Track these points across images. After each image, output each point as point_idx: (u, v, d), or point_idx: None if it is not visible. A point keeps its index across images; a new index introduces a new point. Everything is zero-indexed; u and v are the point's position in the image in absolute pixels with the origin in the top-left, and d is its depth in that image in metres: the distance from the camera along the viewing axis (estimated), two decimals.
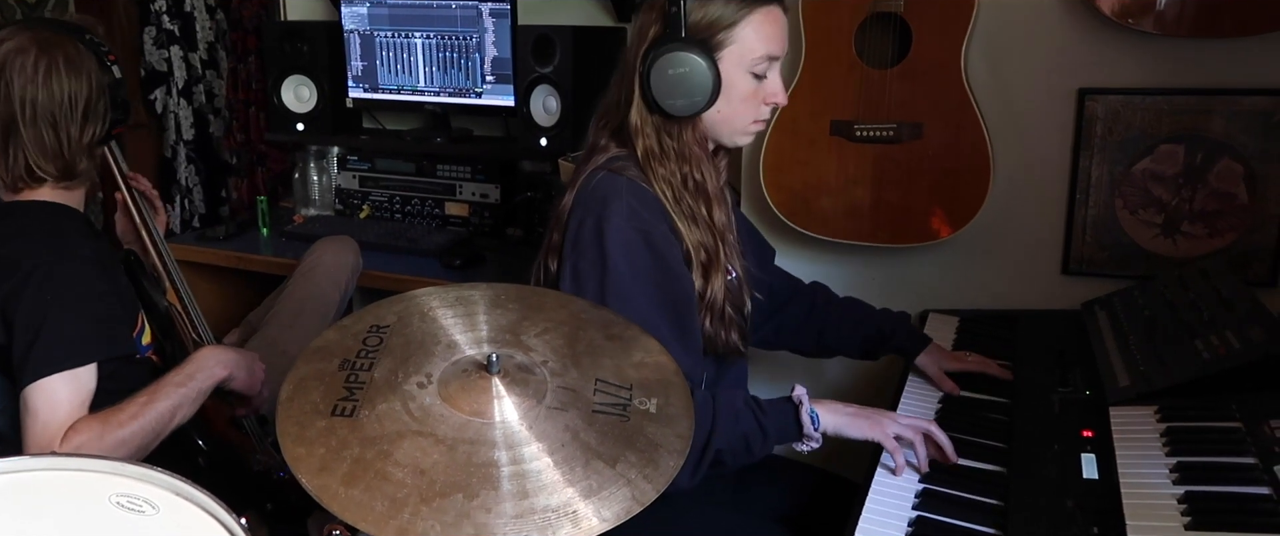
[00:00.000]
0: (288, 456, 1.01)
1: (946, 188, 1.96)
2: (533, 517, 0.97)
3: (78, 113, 1.50)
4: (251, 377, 1.64)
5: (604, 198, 1.39)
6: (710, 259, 1.44)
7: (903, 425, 1.38)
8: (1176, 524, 1.13)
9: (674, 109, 1.39)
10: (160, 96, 3.12)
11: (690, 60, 1.37)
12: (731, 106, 1.43)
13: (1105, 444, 1.34)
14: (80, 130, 1.51)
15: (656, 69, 1.38)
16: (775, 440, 1.37)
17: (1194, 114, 1.87)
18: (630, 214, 1.37)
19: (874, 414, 1.40)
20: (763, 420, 1.36)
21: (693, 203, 1.43)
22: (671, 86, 1.38)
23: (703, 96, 1.39)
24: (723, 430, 1.33)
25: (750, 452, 1.37)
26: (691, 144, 1.44)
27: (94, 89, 1.51)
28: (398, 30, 2.60)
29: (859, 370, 1.84)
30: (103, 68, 1.53)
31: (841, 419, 1.38)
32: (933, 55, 1.91)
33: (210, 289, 2.62)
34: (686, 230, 1.41)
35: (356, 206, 2.79)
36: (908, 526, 1.24)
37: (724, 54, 1.40)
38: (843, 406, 1.40)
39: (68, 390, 1.39)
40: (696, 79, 1.38)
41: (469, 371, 1.11)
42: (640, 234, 1.37)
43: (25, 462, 1.03)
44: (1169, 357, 1.47)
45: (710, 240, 1.44)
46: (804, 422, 1.36)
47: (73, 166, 1.53)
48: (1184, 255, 1.92)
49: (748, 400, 1.38)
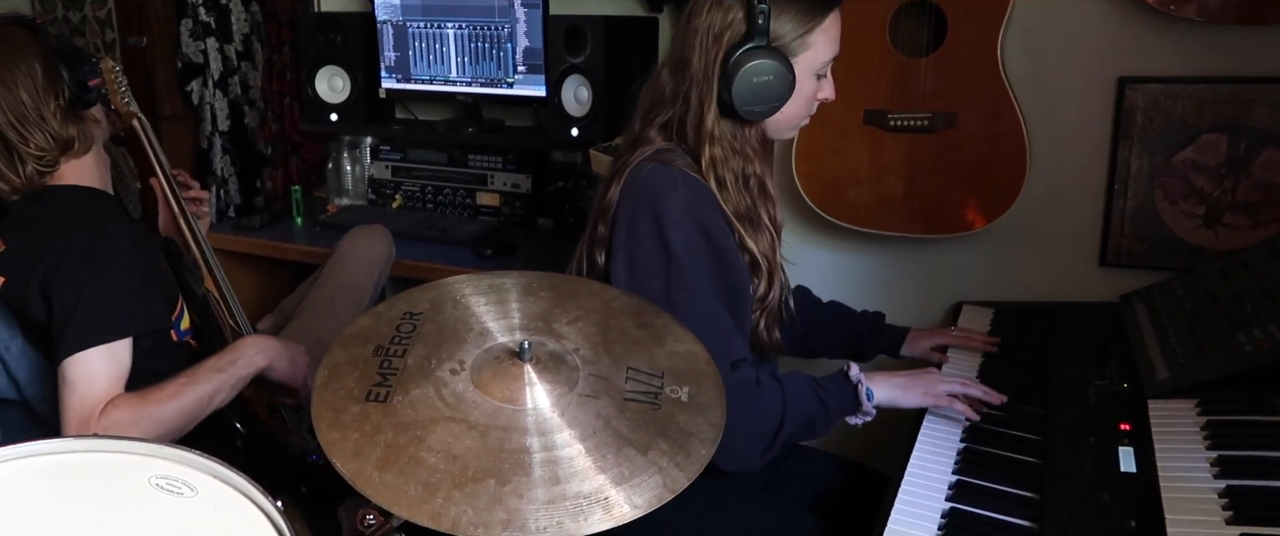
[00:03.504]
0: (323, 441, 1.02)
1: (982, 178, 1.94)
2: (565, 504, 0.97)
3: (36, 91, 1.52)
4: (294, 369, 1.66)
5: (659, 190, 1.38)
6: (770, 265, 1.47)
7: (949, 382, 1.46)
8: (1217, 518, 1.11)
9: (752, 114, 1.41)
10: (197, 88, 3.16)
11: (775, 67, 1.38)
12: (794, 107, 1.44)
13: (1143, 437, 1.32)
14: (43, 96, 1.53)
15: (741, 75, 1.37)
16: (837, 416, 1.41)
17: (1237, 103, 1.84)
18: (688, 206, 1.37)
19: (921, 379, 1.45)
20: (826, 398, 1.39)
21: (753, 204, 1.45)
22: (754, 92, 1.39)
23: (780, 102, 1.41)
24: (792, 413, 1.36)
25: (814, 431, 1.40)
26: (751, 141, 1.45)
27: (37, 61, 1.53)
28: (430, 21, 2.61)
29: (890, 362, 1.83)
30: (32, 35, 1.55)
31: (894, 391, 1.44)
32: (969, 43, 1.89)
33: (246, 277, 2.65)
34: (753, 240, 1.44)
35: (389, 196, 2.81)
36: (941, 517, 1.23)
37: (799, 59, 1.41)
38: (892, 377, 1.45)
39: (105, 364, 1.41)
40: (778, 86, 1.39)
41: (501, 358, 1.12)
42: (698, 227, 1.37)
43: (66, 444, 1.05)
44: (1210, 351, 1.45)
45: (766, 245, 1.47)
46: (862, 399, 1.40)
47: (63, 137, 1.55)
48: (1226, 247, 1.89)
49: (811, 381, 1.41)
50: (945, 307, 2.09)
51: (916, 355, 1.75)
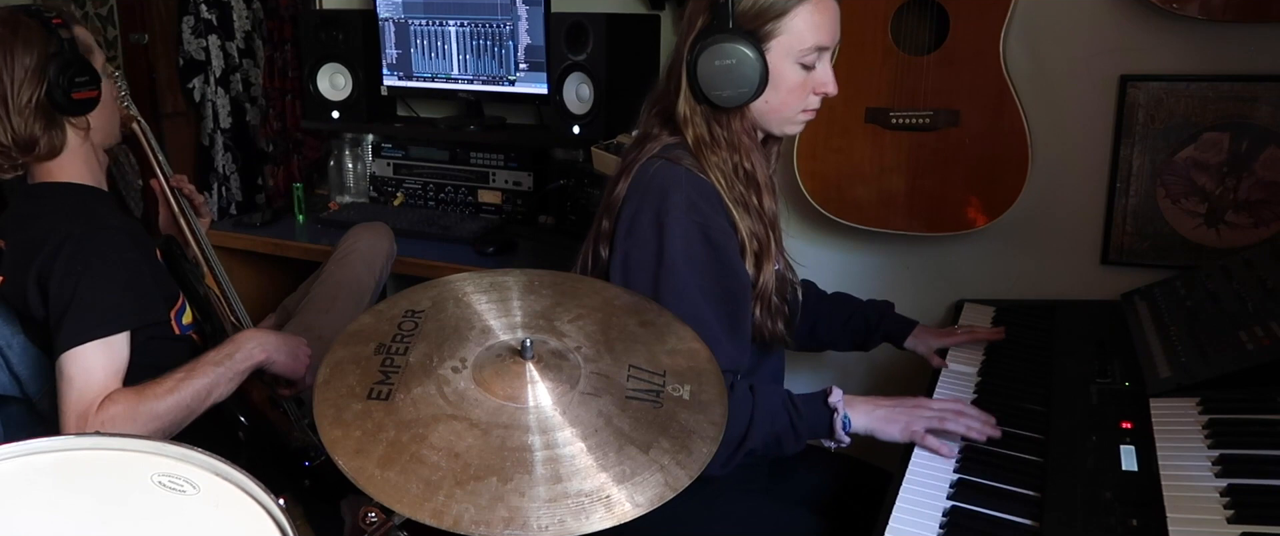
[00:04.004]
0: (325, 438, 1.02)
1: (983, 176, 1.94)
2: (566, 502, 0.97)
3: (10, 82, 1.49)
4: (294, 361, 1.66)
5: (663, 188, 1.38)
6: (762, 248, 1.44)
7: (929, 416, 1.39)
8: (1219, 516, 1.11)
9: (721, 100, 1.38)
10: (198, 85, 3.16)
11: (737, 51, 1.35)
12: (779, 97, 1.41)
13: (1145, 435, 1.32)
14: (17, 91, 1.50)
15: (704, 59, 1.36)
16: (806, 440, 1.39)
17: (1240, 101, 1.84)
18: (689, 206, 1.36)
19: (904, 412, 1.40)
20: (796, 421, 1.37)
21: (744, 191, 1.43)
22: (719, 77, 1.37)
23: (750, 87, 1.37)
24: (759, 427, 1.34)
25: (781, 449, 1.38)
26: (741, 133, 1.43)
27: (29, 54, 1.50)
28: (432, 18, 2.61)
29: (895, 356, 1.84)
30: (41, 29, 1.52)
31: (874, 422, 1.40)
32: (971, 41, 1.89)
33: (247, 274, 2.65)
34: (740, 218, 1.41)
35: (391, 194, 2.81)
36: (942, 515, 1.23)
37: (773, 44, 1.38)
38: (875, 405, 1.41)
39: (102, 358, 1.42)
40: (744, 70, 1.36)
41: (503, 356, 1.12)
42: (699, 227, 1.36)
43: (69, 441, 1.05)
44: (1211, 349, 1.44)
45: (761, 229, 1.44)
46: (835, 427, 1.38)
47: (24, 135, 1.52)
48: (1227, 245, 1.89)
49: (785, 399, 1.39)
50: (947, 305, 2.09)
51: (919, 351, 1.74)
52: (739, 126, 1.43)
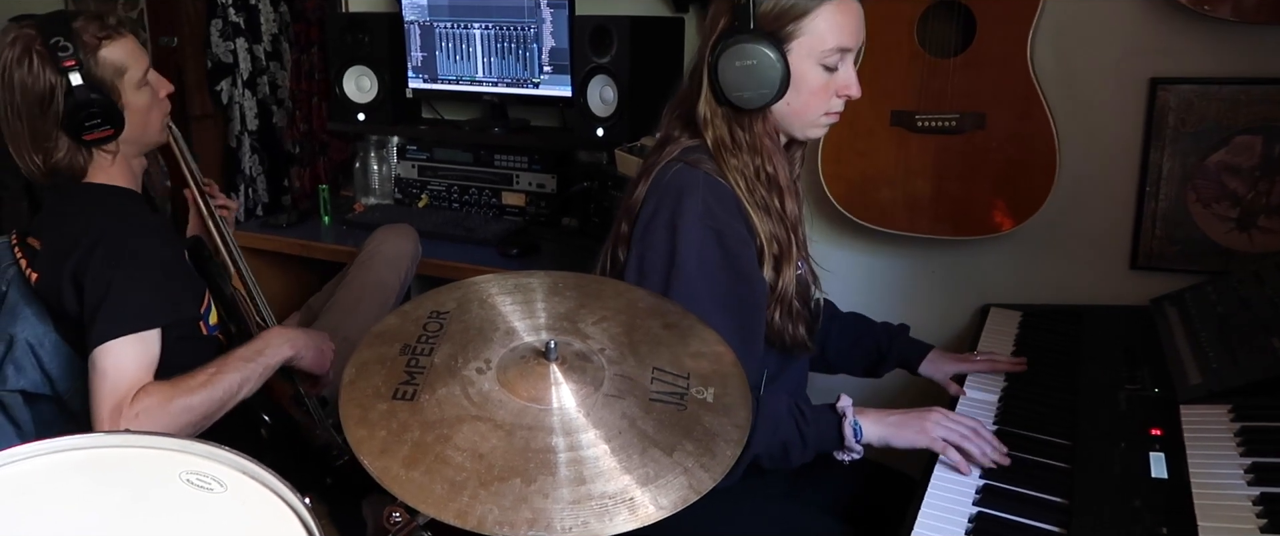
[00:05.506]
0: (350, 438, 1.03)
1: (1010, 179, 1.92)
2: (590, 504, 0.97)
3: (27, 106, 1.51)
4: (320, 357, 1.68)
5: (680, 192, 1.37)
6: (782, 251, 1.42)
7: (948, 426, 1.36)
8: (1251, 525, 1.09)
9: (741, 101, 1.37)
10: (226, 87, 3.19)
11: (758, 52, 1.34)
12: (802, 99, 1.40)
13: (1175, 443, 1.30)
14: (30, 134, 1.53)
15: (725, 60, 1.36)
16: (815, 449, 1.37)
17: (1273, 104, 1.81)
18: (705, 211, 1.35)
19: (918, 418, 1.38)
20: (804, 429, 1.35)
21: (766, 194, 1.41)
22: (739, 78, 1.36)
23: (771, 89, 1.36)
24: (761, 436, 1.31)
25: (788, 459, 1.36)
26: (763, 136, 1.41)
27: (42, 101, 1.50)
28: (457, 21, 2.62)
29: (908, 382, 1.80)
30: (56, 71, 1.49)
31: (886, 429, 1.37)
32: (998, 44, 1.87)
33: (273, 275, 2.67)
34: (759, 221, 1.39)
35: (415, 195, 2.82)
36: (968, 522, 1.22)
37: (794, 45, 1.37)
38: (887, 415, 1.39)
39: (134, 352, 1.44)
40: (764, 71, 1.35)
41: (527, 358, 1.12)
42: (713, 232, 1.35)
43: (98, 438, 1.07)
44: (1243, 355, 1.42)
45: (782, 232, 1.42)
46: (846, 435, 1.35)
47: (46, 165, 1.55)
48: (1260, 250, 1.86)
49: (793, 407, 1.37)
50: (972, 310, 2.07)
51: (934, 377, 1.68)
52: (761, 129, 1.41)
